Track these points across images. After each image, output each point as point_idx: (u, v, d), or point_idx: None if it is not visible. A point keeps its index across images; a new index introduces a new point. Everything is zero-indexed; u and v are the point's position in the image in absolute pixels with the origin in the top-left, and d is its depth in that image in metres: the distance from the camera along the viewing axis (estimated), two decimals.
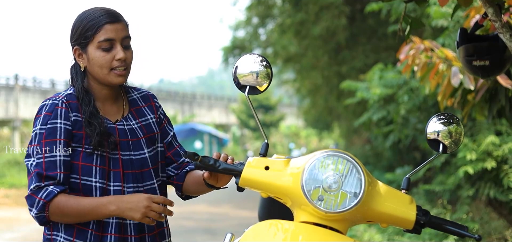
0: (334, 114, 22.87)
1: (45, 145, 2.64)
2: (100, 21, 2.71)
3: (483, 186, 8.47)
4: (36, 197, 2.59)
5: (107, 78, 2.74)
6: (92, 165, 2.68)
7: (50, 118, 2.66)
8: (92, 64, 2.74)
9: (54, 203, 2.59)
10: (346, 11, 14.83)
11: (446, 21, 7.95)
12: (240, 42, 20.16)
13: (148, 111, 2.92)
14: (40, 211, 2.59)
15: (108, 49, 2.72)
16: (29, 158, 2.66)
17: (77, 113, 2.71)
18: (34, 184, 2.60)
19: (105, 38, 2.71)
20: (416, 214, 2.44)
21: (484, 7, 3.55)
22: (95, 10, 2.76)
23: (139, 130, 2.84)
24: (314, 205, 2.32)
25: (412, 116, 10.15)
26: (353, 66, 15.54)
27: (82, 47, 2.75)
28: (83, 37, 2.73)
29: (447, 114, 2.54)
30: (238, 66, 2.61)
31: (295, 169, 2.40)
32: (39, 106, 2.73)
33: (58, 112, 2.67)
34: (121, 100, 2.88)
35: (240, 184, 2.53)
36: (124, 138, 2.78)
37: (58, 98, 2.72)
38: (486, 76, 4.18)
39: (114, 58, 2.73)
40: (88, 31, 2.72)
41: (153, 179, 2.82)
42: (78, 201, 2.62)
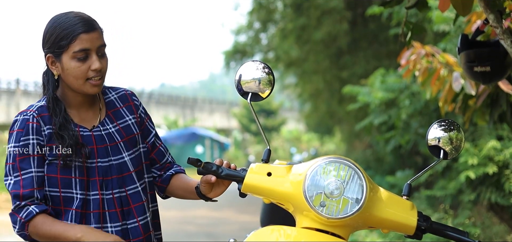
0: (336, 118, 22.88)
1: (19, 163, 2.62)
2: (76, 30, 2.64)
3: (484, 191, 8.47)
4: (17, 216, 2.59)
5: (83, 88, 2.69)
6: (71, 177, 2.65)
7: (22, 135, 2.63)
8: (67, 74, 2.67)
9: (32, 224, 2.59)
10: (348, 16, 14.85)
11: (448, 26, 7.96)
12: (242, 47, 20.17)
13: (127, 112, 2.86)
14: (21, 229, 2.60)
15: (83, 59, 2.65)
16: (7, 177, 2.64)
17: (50, 125, 2.67)
18: (13, 204, 2.60)
19: (80, 48, 2.64)
20: (417, 220, 2.46)
21: (485, 13, 3.57)
22: (69, 17, 2.68)
23: (117, 134, 2.78)
24: (316, 211, 2.34)
25: (414, 120, 10.16)
26: (354, 72, 15.55)
27: (56, 55, 2.68)
28: (57, 46, 2.66)
29: (448, 121, 2.56)
30: (241, 73, 2.62)
31: (297, 175, 2.42)
32: (13, 120, 2.70)
33: (30, 128, 2.64)
34: (97, 104, 2.82)
35: (242, 190, 2.54)
36: (101, 144, 2.72)
37: (29, 113, 2.67)
38: (487, 82, 4.20)
39: (90, 69, 2.66)
40: (62, 40, 2.65)
41: (136, 182, 2.77)
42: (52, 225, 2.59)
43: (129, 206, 2.73)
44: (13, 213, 2.60)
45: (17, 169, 2.61)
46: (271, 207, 3.55)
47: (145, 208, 2.78)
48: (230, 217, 15.38)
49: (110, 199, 2.69)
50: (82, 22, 2.66)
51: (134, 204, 2.74)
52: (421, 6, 3.79)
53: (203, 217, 15.09)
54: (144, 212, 2.77)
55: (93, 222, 2.66)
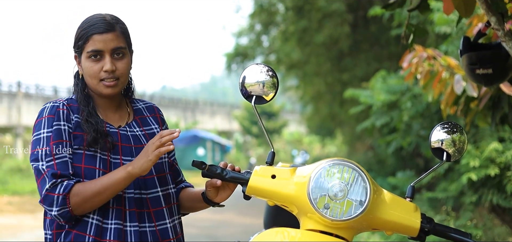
0: (337, 120, 22.91)
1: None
2: (90, 31, 2.69)
3: (486, 193, 8.49)
4: (54, 195, 2.56)
5: (97, 88, 2.73)
6: (95, 168, 2.65)
7: (54, 120, 2.65)
8: (85, 74, 2.74)
9: (73, 193, 2.56)
10: (349, 19, 14.87)
11: (450, 27, 7.98)
12: (243, 49, 20.20)
13: (153, 122, 2.90)
14: (62, 206, 2.55)
15: (97, 60, 2.70)
16: (38, 162, 2.61)
17: (78, 114, 2.70)
18: (49, 183, 2.56)
19: (92, 49, 2.68)
20: (421, 222, 2.48)
21: (487, 16, 3.58)
22: (92, 19, 2.74)
23: (143, 138, 2.81)
24: (320, 213, 2.36)
25: (415, 122, 10.17)
26: (355, 74, 15.58)
27: (78, 55, 2.75)
28: (77, 46, 2.74)
29: (451, 123, 2.57)
30: (245, 76, 2.64)
31: (302, 177, 2.44)
32: (40, 110, 2.71)
33: (60, 113, 2.66)
34: (124, 109, 2.86)
35: (247, 193, 2.56)
36: (126, 143, 2.75)
37: (58, 101, 2.71)
38: (489, 84, 4.22)
39: (102, 69, 2.70)
40: (80, 40, 2.72)
41: (157, 187, 2.77)
42: (95, 181, 2.59)
43: (148, 209, 2.73)
44: (47, 194, 2.56)
45: (51, 154, 2.60)
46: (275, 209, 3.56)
47: (165, 214, 2.77)
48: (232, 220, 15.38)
49: (131, 198, 2.69)
50: (98, 23, 2.70)
51: (153, 208, 2.74)
52: (423, 9, 3.81)
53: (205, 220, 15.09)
54: (164, 218, 2.76)
55: (113, 218, 2.65)
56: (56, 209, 2.56)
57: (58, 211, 2.56)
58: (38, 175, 2.60)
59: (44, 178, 2.58)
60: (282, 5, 17.25)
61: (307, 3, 14.81)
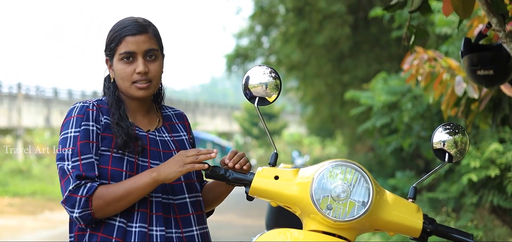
0: (337, 122, 22.91)
1: (81, 147, 2.59)
2: (122, 33, 2.68)
3: (486, 194, 8.50)
4: (76, 196, 2.53)
5: (129, 91, 2.71)
6: (122, 170, 2.62)
7: (83, 120, 2.63)
8: (116, 76, 2.72)
9: (96, 196, 2.54)
10: (350, 20, 14.88)
11: (450, 28, 8.00)
12: (244, 50, 20.20)
13: (182, 129, 2.89)
14: (84, 208, 2.53)
15: (129, 62, 2.69)
16: (63, 161, 2.59)
17: (108, 116, 2.68)
18: (73, 184, 2.54)
19: (125, 51, 2.68)
20: (423, 223, 2.50)
21: (488, 17, 3.60)
22: (124, 21, 2.73)
23: (171, 143, 2.79)
24: (323, 214, 2.37)
25: (416, 123, 10.19)
26: (355, 75, 15.59)
27: (110, 58, 2.74)
28: (109, 49, 2.72)
29: (453, 124, 2.59)
30: (249, 75, 2.65)
31: (305, 178, 2.45)
32: (69, 109, 2.70)
33: (90, 114, 2.65)
34: (154, 114, 2.85)
35: (250, 193, 2.57)
36: (155, 148, 2.73)
37: (88, 102, 2.69)
38: (490, 85, 4.23)
39: (135, 71, 2.68)
40: (112, 42, 2.70)
41: (185, 193, 2.74)
42: (119, 185, 2.57)
43: (175, 215, 2.69)
44: (70, 195, 2.54)
45: (77, 154, 2.58)
46: (277, 210, 3.58)
47: (192, 221, 2.74)
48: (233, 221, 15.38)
49: (158, 202, 2.66)
50: (131, 25, 2.70)
51: (180, 214, 2.71)
52: (424, 10, 3.82)
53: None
54: (190, 225, 2.72)
55: (138, 221, 2.62)
56: (78, 211, 2.54)
57: (79, 213, 2.54)
58: (62, 175, 2.58)
59: (68, 179, 2.56)
60: (283, 6, 17.25)
61: (308, 5, 14.81)
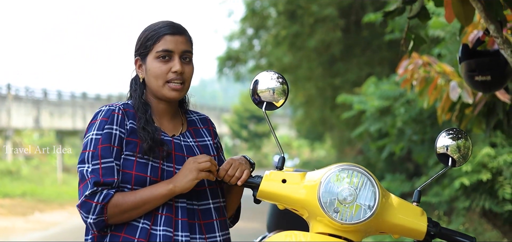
0: (327, 125, 22.96)
1: (101, 151, 2.59)
2: (161, 32, 2.69)
3: (478, 198, 8.57)
4: (92, 202, 2.54)
5: (162, 91, 2.70)
6: (146, 176, 2.61)
7: (107, 124, 2.63)
8: (149, 75, 2.71)
9: (112, 203, 2.54)
10: (341, 24, 14.92)
11: (443, 31, 8.06)
12: (235, 53, 20.24)
13: (206, 134, 2.87)
14: (99, 215, 2.54)
15: (165, 60, 2.69)
16: (84, 164, 2.60)
17: (134, 120, 2.68)
18: (89, 190, 2.54)
19: (163, 48, 2.68)
20: (427, 226, 2.55)
21: (486, 23, 3.66)
22: (160, 22, 2.75)
23: (196, 149, 2.78)
24: (330, 217, 2.43)
25: (408, 128, 10.25)
26: (346, 78, 15.64)
27: (142, 57, 2.73)
28: (144, 47, 2.72)
29: (455, 129, 2.64)
30: (257, 80, 2.69)
31: (312, 182, 2.50)
32: (95, 112, 2.69)
33: (115, 118, 2.65)
34: (179, 118, 2.84)
35: (258, 196, 2.62)
36: (180, 153, 2.71)
37: (115, 105, 2.69)
38: (487, 90, 4.31)
39: (171, 70, 2.68)
40: (148, 40, 2.70)
41: (209, 199, 2.74)
42: (135, 193, 2.58)
43: (199, 220, 2.69)
44: (86, 201, 2.55)
45: (98, 157, 2.58)
46: (278, 213, 3.64)
47: (216, 227, 2.73)
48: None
49: (183, 207, 2.65)
50: (169, 26, 2.72)
51: (204, 220, 2.70)
52: (422, 16, 3.89)
53: None
54: (214, 231, 2.71)
55: (162, 224, 2.61)
56: (93, 217, 2.55)
57: (94, 219, 2.55)
58: (81, 179, 2.59)
59: (86, 184, 2.56)
60: (274, 9, 17.29)
61: (300, 8, 14.86)
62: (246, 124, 50.24)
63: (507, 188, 8.09)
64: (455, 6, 3.69)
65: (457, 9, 3.65)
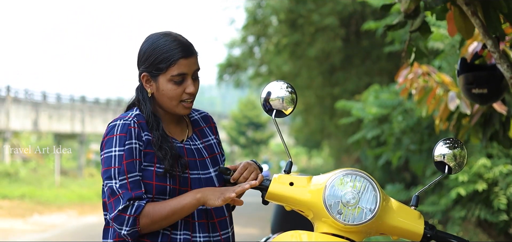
0: (325, 133, 23.06)
1: (127, 166, 2.69)
2: (175, 56, 2.74)
3: (473, 208, 8.66)
4: (125, 215, 2.65)
5: (175, 109, 2.81)
6: (166, 185, 2.73)
7: (126, 139, 2.71)
8: (162, 94, 2.79)
9: (143, 215, 2.66)
10: (342, 34, 15.04)
11: (442, 44, 8.19)
12: (235, 60, 20.37)
13: (209, 132, 2.99)
14: (132, 226, 2.66)
15: (179, 83, 2.76)
16: (111, 180, 2.69)
17: (148, 132, 2.76)
18: (122, 205, 2.65)
19: (178, 73, 2.75)
20: (424, 228, 2.71)
21: (484, 39, 3.82)
22: (169, 40, 2.77)
23: (204, 150, 2.90)
24: (334, 218, 2.59)
25: (406, 137, 10.35)
26: (346, 88, 15.75)
27: (153, 76, 2.78)
28: (155, 68, 2.76)
29: (452, 139, 2.80)
30: (268, 89, 2.85)
31: (318, 185, 2.67)
32: (109, 126, 2.76)
33: (132, 132, 2.72)
34: (184, 122, 2.94)
35: (266, 198, 2.79)
36: (191, 158, 2.83)
37: (129, 119, 2.76)
38: (484, 103, 4.48)
39: (185, 91, 2.78)
40: (161, 63, 2.75)
41: None
42: (165, 204, 2.69)
43: (213, 219, 2.84)
44: (119, 214, 2.66)
45: (124, 172, 2.68)
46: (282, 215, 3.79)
47: (227, 223, 2.90)
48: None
49: (199, 210, 2.80)
50: (181, 47, 2.77)
51: (217, 218, 2.85)
52: (424, 31, 4.03)
53: None
54: (227, 227, 2.89)
55: (182, 228, 2.77)
56: (126, 229, 2.67)
57: (128, 231, 2.67)
58: (111, 194, 2.68)
59: (118, 199, 2.67)
60: (276, 18, 17.42)
61: (301, 17, 14.98)
62: (244, 130, 50.37)
63: (502, 199, 8.19)
64: (457, 20, 3.86)
65: (459, 24, 3.83)
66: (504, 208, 8.17)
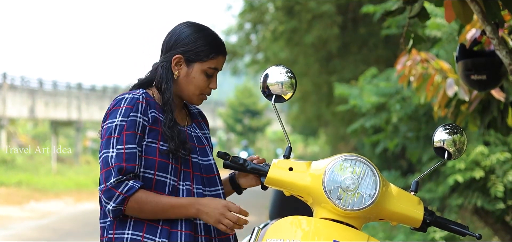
0: (322, 120, 23.06)
1: (126, 137, 2.68)
2: (218, 50, 2.83)
3: (470, 195, 8.66)
4: (116, 191, 2.63)
5: (193, 98, 2.87)
6: (169, 162, 2.74)
7: (132, 111, 2.71)
8: (190, 81, 2.84)
9: (134, 198, 2.65)
10: (339, 21, 15.01)
11: (440, 32, 8.18)
12: (232, 47, 20.31)
13: (204, 126, 3.06)
14: (119, 204, 2.64)
15: (209, 77, 2.84)
16: (108, 149, 2.68)
17: (155, 110, 2.77)
18: (114, 178, 2.63)
19: (215, 67, 2.83)
20: (423, 214, 2.71)
21: (483, 25, 3.81)
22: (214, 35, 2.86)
23: (204, 139, 2.96)
24: (334, 203, 2.58)
25: (403, 124, 10.34)
26: (343, 76, 15.72)
27: (188, 60, 2.82)
28: (195, 54, 2.81)
29: (452, 125, 2.80)
30: (267, 74, 2.84)
31: (317, 170, 2.66)
32: (116, 99, 2.77)
33: (139, 106, 2.73)
34: (184, 109, 2.99)
35: (265, 183, 2.79)
36: (192, 143, 2.86)
37: (137, 94, 2.77)
38: (483, 89, 4.48)
39: (209, 86, 2.85)
40: (203, 52, 2.81)
41: (218, 185, 2.89)
42: (158, 199, 2.68)
43: None
44: (110, 188, 2.63)
45: (122, 142, 2.67)
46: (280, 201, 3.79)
47: None
48: None
49: (200, 193, 2.81)
50: (223, 45, 2.87)
51: None
52: (422, 16, 4.03)
53: None
54: None
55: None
56: (113, 205, 2.65)
57: (113, 207, 2.65)
58: (104, 164, 2.67)
59: (110, 171, 2.65)
60: (272, 5, 17.38)
61: (298, 4, 14.94)
62: (241, 118, 50.35)
63: (499, 186, 8.18)
64: (455, 6, 3.86)
65: (458, 9, 3.82)
66: (501, 196, 8.16)
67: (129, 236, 2.72)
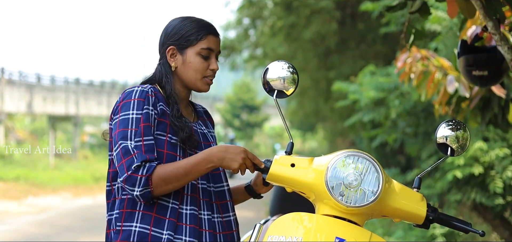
0: (320, 116, 23.04)
1: (144, 129, 2.74)
2: (206, 30, 2.90)
3: (469, 191, 8.66)
4: (137, 176, 2.67)
5: (197, 84, 2.91)
6: (176, 155, 2.79)
7: (144, 104, 2.77)
8: (187, 67, 2.90)
9: (156, 175, 2.68)
10: (337, 16, 14.99)
11: (440, 26, 8.16)
12: (230, 43, 20.30)
13: (209, 125, 3.11)
14: (144, 186, 2.67)
15: (206, 58, 2.89)
16: (126, 140, 2.72)
17: (163, 103, 2.84)
18: (135, 164, 2.68)
19: (207, 47, 2.88)
20: (426, 211, 2.69)
21: (485, 20, 3.79)
22: (199, 19, 2.95)
23: (209, 136, 3.01)
24: (336, 200, 2.56)
25: (401, 120, 10.34)
26: (341, 71, 15.71)
27: (180, 48, 2.90)
28: (185, 39, 2.89)
29: (455, 121, 2.77)
30: (269, 69, 2.83)
31: (320, 167, 2.63)
32: (125, 92, 2.83)
33: (150, 99, 2.79)
34: (190, 107, 3.04)
35: (267, 179, 2.76)
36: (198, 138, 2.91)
37: (146, 87, 2.83)
38: (484, 85, 4.46)
39: (209, 67, 2.90)
40: (192, 35, 2.88)
41: (223, 181, 2.96)
42: (177, 165, 2.73)
43: (216, 201, 2.90)
44: (131, 175, 2.67)
45: (140, 134, 2.73)
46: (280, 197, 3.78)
47: (229, 207, 2.95)
48: None
49: (204, 188, 2.86)
50: (211, 26, 2.94)
51: (219, 201, 2.92)
52: (423, 12, 4.01)
53: None
54: (228, 211, 2.94)
55: (188, 204, 2.80)
56: (139, 189, 2.68)
57: (140, 191, 2.68)
58: (125, 154, 2.71)
59: (132, 158, 2.70)
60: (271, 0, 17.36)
61: None
62: (239, 113, 50.35)
63: (498, 182, 8.18)
64: (459, 1, 3.84)
65: (461, 4, 3.80)
66: (500, 192, 8.16)
67: (137, 228, 2.76)
